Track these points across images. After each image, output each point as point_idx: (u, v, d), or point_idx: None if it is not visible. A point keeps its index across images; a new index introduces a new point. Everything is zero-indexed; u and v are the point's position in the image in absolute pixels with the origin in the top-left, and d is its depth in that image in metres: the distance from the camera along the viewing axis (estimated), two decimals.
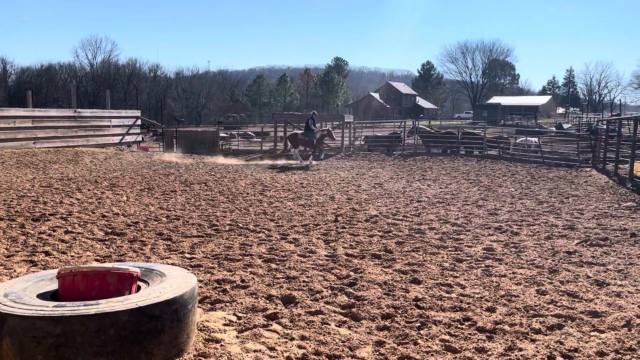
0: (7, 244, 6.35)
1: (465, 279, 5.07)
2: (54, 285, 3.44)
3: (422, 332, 3.79)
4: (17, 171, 14.40)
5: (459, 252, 6.16)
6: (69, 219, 7.89)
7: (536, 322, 3.95)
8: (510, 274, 5.23)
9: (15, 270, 5.26)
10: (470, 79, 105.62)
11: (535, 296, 4.56)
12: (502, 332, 3.77)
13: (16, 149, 19.37)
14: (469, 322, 3.96)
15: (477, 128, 30.79)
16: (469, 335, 3.73)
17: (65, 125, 22.46)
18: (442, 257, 5.90)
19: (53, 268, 5.19)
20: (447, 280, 5.03)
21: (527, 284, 4.92)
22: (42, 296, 3.27)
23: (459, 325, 3.91)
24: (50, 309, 2.92)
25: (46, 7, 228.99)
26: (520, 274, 5.23)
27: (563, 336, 3.70)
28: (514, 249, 6.28)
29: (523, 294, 4.60)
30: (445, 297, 4.53)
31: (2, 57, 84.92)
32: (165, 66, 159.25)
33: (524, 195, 11.04)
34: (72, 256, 5.86)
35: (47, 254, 5.91)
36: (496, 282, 4.97)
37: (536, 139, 22.37)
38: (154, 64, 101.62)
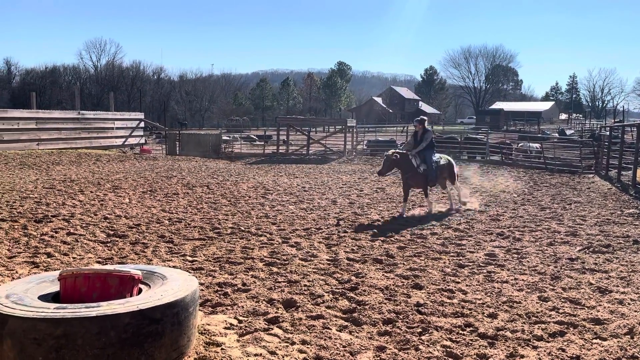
0: (9, 245, 6.36)
1: (467, 285, 5.05)
2: (55, 287, 3.44)
3: (423, 337, 3.78)
4: (20, 172, 14.43)
5: (460, 257, 6.14)
6: (71, 220, 7.90)
7: (538, 328, 3.94)
8: (512, 280, 5.22)
9: (17, 272, 5.26)
10: (473, 84, 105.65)
11: (537, 303, 4.54)
12: (503, 339, 3.75)
13: (19, 150, 19.42)
14: (471, 328, 3.94)
15: (479, 133, 30.79)
16: (470, 342, 3.71)
17: (68, 127, 22.55)
18: (444, 263, 5.88)
19: (55, 270, 5.19)
20: (448, 285, 5.01)
21: (529, 290, 4.90)
22: (44, 298, 3.27)
23: (461, 331, 3.89)
24: (51, 310, 2.92)
25: (51, 9, 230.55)
26: (522, 280, 5.21)
27: (565, 343, 3.68)
28: (516, 255, 6.26)
29: (525, 301, 4.58)
30: (446, 302, 4.52)
31: (6, 59, 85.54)
32: (169, 69, 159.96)
33: (526, 201, 11.02)
34: (73, 258, 5.87)
35: (49, 255, 5.92)
36: (498, 288, 4.95)
37: (537, 144, 22.38)
38: (158, 67, 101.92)
